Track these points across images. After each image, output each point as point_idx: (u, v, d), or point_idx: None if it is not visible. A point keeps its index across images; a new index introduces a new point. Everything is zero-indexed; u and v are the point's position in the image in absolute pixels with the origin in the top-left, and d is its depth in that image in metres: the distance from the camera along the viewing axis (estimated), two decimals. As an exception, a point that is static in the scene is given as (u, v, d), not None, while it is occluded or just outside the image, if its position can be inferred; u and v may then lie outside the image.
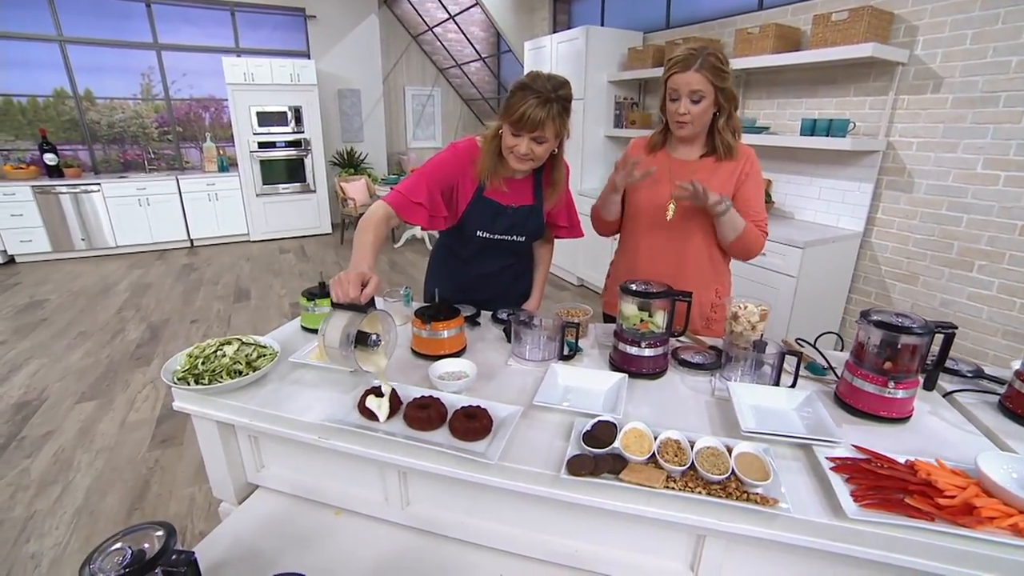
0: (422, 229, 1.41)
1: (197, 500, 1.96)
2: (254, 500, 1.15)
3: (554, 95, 1.18)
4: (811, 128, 2.86)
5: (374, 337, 1.01)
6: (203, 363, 1.08)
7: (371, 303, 1.01)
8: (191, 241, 5.94)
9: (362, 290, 0.99)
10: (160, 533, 0.78)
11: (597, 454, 0.84)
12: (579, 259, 4.51)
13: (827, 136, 2.79)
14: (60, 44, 5.40)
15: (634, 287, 1.14)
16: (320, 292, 1.33)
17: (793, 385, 1.09)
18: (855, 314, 3.02)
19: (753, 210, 1.43)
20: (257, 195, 6.04)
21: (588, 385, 1.10)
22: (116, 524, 1.84)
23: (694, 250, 1.49)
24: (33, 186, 5.04)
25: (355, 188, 6.00)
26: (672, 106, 1.36)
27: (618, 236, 1.66)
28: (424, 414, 0.92)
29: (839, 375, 1.14)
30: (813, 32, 2.75)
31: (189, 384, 1.04)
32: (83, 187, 5.25)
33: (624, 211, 1.58)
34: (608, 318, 1.71)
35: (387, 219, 1.25)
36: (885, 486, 0.77)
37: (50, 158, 5.22)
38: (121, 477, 2.09)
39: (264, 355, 1.15)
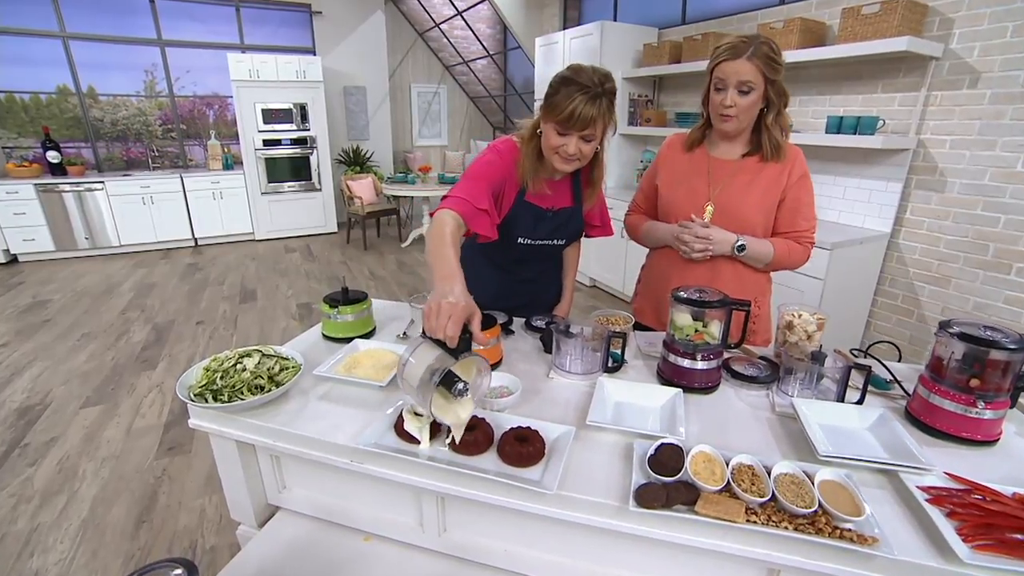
0: (478, 240, 1.27)
1: (208, 512, 1.88)
2: (276, 523, 1.07)
3: (601, 89, 1.10)
4: (837, 126, 2.77)
5: (461, 386, 0.81)
6: (222, 378, 0.99)
7: (468, 345, 0.85)
8: (195, 240, 5.86)
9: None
10: (179, 572, 0.70)
11: (667, 483, 0.75)
12: (591, 260, 4.42)
13: (855, 134, 2.70)
14: (63, 40, 5.32)
15: (685, 295, 1.06)
16: (344, 298, 1.25)
17: (860, 402, 1.01)
18: (881, 316, 2.94)
19: (803, 217, 1.35)
20: (262, 193, 5.96)
21: (640, 401, 1.01)
22: (124, 538, 1.76)
23: (732, 257, 1.38)
24: (36, 184, 4.96)
25: (361, 186, 5.92)
26: (717, 97, 1.25)
27: None
28: (470, 437, 0.83)
29: (907, 390, 1.06)
30: (841, 26, 2.66)
31: (207, 401, 0.96)
32: (86, 185, 5.17)
33: (658, 213, 1.50)
34: (638, 326, 1.62)
35: (460, 229, 1.10)
36: (996, 524, 0.68)
37: (53, 156, 5.15)
38: (128, 487, 2.01)
39: (287, 368, 1.06)
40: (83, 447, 2.25)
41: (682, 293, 1.06)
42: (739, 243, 1.31)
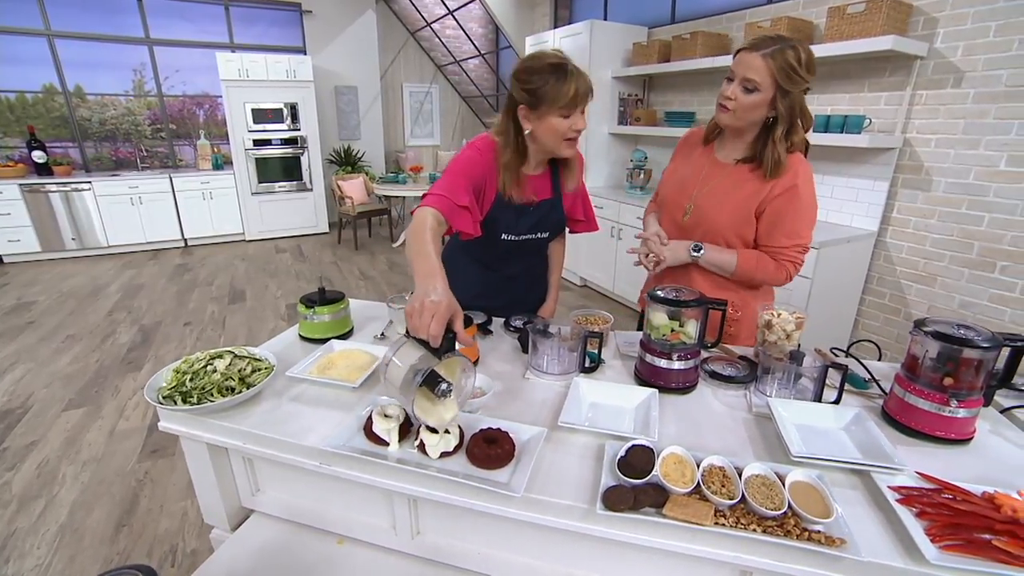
0: (461, 238, 1.31)
1: (190, 516, 1.86)
2: (249, 527, 1.06)
3: (572, 63, 1.15)
4: (825, 124, 2.78)
5: (444, 386, 0.80)
6: (191, 379, 0.98)
7: (451, 345, 0.83)
8: (185, 241, 5.81)
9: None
10: (138, 579, 0.69)
11: (635, 485, 0.75)
12: (581, 259, 4.42)
13: (841, 133, 2.70)
14: (48, 39, 5.25)
15: (662, 294, 1.05)
16: (320, 298, 1.23)
17: (837, 401, 1.00)
18: (868, 315, 2.94)
19: (784, 233, 1.24)
20: (252, 193, 5.92)
21: (615, 402, 1.00)
22: (102, 542, 1.74)
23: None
24: (21, 184, 4.90)
25: (352, 186, 5.89)
26: (725, 86, 1.21)
27: None
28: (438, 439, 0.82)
29: (884, 389, 1.06)
30: (828, 25, 2.66)
31: (176, 403, 0.94)
32: (73, 185, 5.12)
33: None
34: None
35: (440, 227, 1.09)
36: (965, 524, 0.68)
37: (39, 156, 5.08)
38: (109, 491, 1.99)
39: (259, 369, 1.05)
40: (64, 450, 2.22)
41: (658, 292, 1.05)
42: (695, 245, 1.30)
